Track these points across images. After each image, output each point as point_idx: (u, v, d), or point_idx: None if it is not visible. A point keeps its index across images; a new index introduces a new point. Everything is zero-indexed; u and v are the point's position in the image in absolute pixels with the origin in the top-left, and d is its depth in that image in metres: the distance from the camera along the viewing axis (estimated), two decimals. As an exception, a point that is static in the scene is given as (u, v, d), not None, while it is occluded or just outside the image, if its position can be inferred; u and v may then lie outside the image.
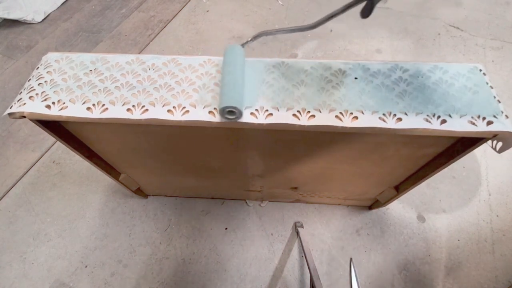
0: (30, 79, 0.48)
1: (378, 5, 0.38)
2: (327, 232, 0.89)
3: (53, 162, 1.03)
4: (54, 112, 0.44)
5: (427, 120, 0.42)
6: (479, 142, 0.45)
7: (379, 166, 0.61)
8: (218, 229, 0.90)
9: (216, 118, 0.43)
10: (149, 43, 1.40)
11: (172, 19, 1.50)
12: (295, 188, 0.80)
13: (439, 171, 0.56)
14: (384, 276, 0.82)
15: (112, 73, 0.48)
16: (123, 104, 0.45)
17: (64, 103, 0.45)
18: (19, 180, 1.00)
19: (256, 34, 0.49)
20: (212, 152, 0.60)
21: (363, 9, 0.40)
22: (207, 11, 1.53)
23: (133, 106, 0.45)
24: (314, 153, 0.57)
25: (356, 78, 0.46)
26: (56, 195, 0.97)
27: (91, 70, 0.48)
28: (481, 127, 0.41)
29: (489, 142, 0.45)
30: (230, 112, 0.42)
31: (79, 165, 1.02)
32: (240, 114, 0.43)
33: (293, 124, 0.43)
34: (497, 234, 0.87)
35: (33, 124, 0.48)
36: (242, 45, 0.49)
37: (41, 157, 1.04)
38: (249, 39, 0.50)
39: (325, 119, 0.43)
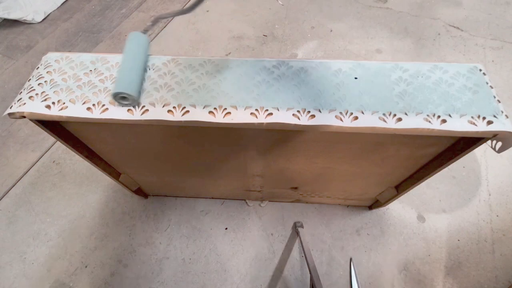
0: (30, 79, 0.48)
1: (378, 5, 0.38)
2: (327, 232, 0.89)
3: (53, 162, 1.03)
4: (54, 112, 0.44)
5: (427, 120, 0.42)
6: (479, 142, 0.45)
7: (379, 166, 0.61)
8: (218, 229, 0.90)
9: (217, 119, 0.43)
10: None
11: (172, 19, 1.50)
12: (295, 188, 0.79)
13: (439, 171, 0.56)
14: (384, 276, 0.82)
15: (112, 73, 0.48)
16: (123, 104, 0.45)
17: (64, 103, 0.45)
18: (19, 180, 1.00)
19: (154, 19, 0.51)
20: (212, 152, 0.60)
21: None
22: (207, 11, 1.53)
23: (133, 106, 0.44)
24: (314, 153, 0.57)
25: (356, 78, 0.46)
26: (56, 195, 0.97)
27: (91, 70, 0.48)
28: (481, 127, 0.41)
29: (489, 142, 0.45)
30: (123, 98, 0.43)
31: (79, 165, 1.02)
32: (134, 101, 0.43)
33: (293, 124, 0.43)
34: (497, 234, 0.87)
35: (33, 124, 0.48)
36: (144, 31, 0.50)
37: (41, 157, 1.04)
38: (149, 24, 0.51)
39: (325, 119, 0.43)
